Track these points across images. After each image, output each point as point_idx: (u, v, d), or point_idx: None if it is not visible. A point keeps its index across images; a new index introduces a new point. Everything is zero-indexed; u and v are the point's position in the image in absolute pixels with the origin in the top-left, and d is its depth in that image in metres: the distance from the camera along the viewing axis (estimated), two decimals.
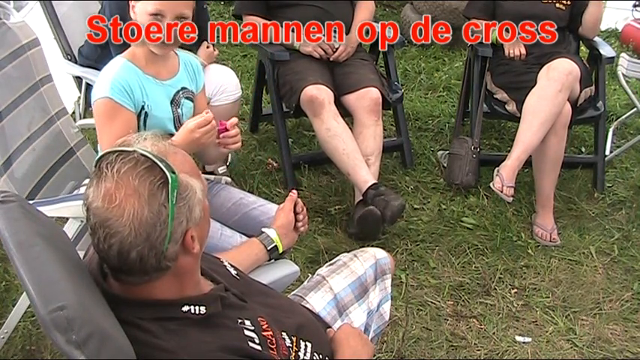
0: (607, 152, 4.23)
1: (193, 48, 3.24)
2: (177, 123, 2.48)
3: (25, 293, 2.20)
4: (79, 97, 3.60)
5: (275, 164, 4.03)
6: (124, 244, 1.32)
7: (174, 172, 1.35)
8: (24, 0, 4.89)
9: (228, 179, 2.80)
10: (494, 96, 3.95)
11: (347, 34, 3.77)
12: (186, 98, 2.53)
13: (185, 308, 1.43)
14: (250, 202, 2.59)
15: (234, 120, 2.40)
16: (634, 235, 3.67)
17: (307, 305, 1.98)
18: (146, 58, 2.42)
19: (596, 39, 4.04)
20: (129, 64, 2.40)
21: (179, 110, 2.49)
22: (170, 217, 1.34)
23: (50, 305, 1.24)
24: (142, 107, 2.39)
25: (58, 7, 3.55)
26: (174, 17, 2.33)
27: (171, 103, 2.48)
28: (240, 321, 1.50)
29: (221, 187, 2.68)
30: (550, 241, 3.55)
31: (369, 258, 2.15)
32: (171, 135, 2.36)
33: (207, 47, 3.56)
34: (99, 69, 3.31)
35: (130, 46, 2.46)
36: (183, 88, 2.52)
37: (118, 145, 1.39)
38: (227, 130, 2.36)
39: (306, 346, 1.62)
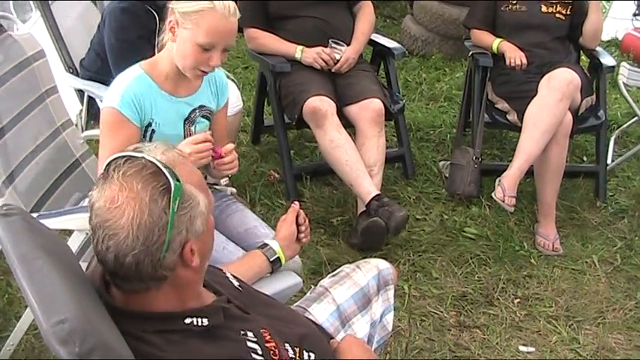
0: (609, 161, 4.24)
1: None
2: None
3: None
4: (81, 110, 3.61)
5: (277, 176, 4.03)
6: (120, 246, 1.33)
7: (178, 181, 1.35)
8: (28, 13, 4.90)
9: (234, 190, 2.80)
10: (496, 106, 3.96)
11: (348, 45, 3.78)
12: (203, 116, 2.49)
13: (187, 320, 1.43)
14: (262, 233, 2.50)
15: (230, 146, 2.37)
16: (636, 243, 3.66)
17: (310, 316, 1.98)
18: (167, 75, 2.38)
19: (597, 48, 4.04)
20: (144, 76, 2.36)
21: (192, 128, 2.46)
22: (170, 224, 1.34)
23: (53, 318, 1.25)
24: (150, 123, 2.36)
25: (62, 22, 3.57)
26: (222, 49, 2.30)
27: (185, 120, 2.45)
28: (242, 332, 1.50)
29: (238, 208, 2.63)
30: (552, 250, 3.54)
31: (372, 269, 2.15)
32: None
33: None
34: (100, 81, 3.34)
35: (129, 59, 2.46)
36: (201, 106, 2.48)
37: (128, 150, 1.40)
38: (222, 157, 2.34)
39: (309, 356, 1.62)
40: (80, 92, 3.56)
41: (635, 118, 4.38)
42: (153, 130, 2.38)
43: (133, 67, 2.40)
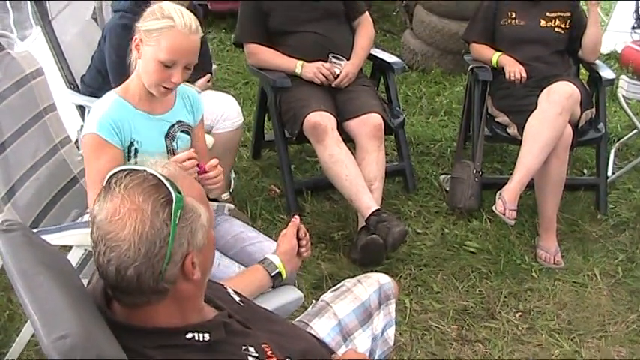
0: (609, 174, 4.24)
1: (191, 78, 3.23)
2: (172, 156, 2.46)
3: (29, 322, 2.21)
4: (82, 126, 3.62)
5: (277, 190, 4.03)
6: (122, 258, 1.33)
7: (179, 193, 1.36)
8: (28, 29, 4.93)
9: (231, 206, 2.80)
10: (496, 119, 3.96)
11: (348, 60, 3.79)
12: (183, 132, 2.52)
13: (189, 335, 1.43)
14: (249, 237, 2.57)
15: (214, 162, 2.39)
16: (638, 256, 3.66)
17: (311, 331, 1.97)
18: (140, 95, 2.42)
19: (596, 61, 4.05)
20: (120, 100, 2.40)
21: (174, 144, 2.49)
22: (171, 235, 1.34)
23: (54, 333, 1.25)
24: (132, 143, 2.39)
25: (62, 37, 3.58)
26: (184, 66, 2.33)
27: (166, 137, 2.48)
28: (244, 347, 1.50)
29: (223, 218, 2.67)
30: (554, 263, 3.54)
31: (373, 283, 2.15)
32: None
33: (209, 81, 3.59)
34: (101, 97, 3.35)
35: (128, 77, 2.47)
36: (179, 122, 2.51)
37: (129, 164, 1.41)
38: (206, 172, 2.36)
39: None
40: (81, 108, 3.57)
41: (635, 130, 4.38)
42: (136, 149, 2.40)
43: (108, 93, 2.45)
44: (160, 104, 2.47)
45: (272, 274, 2.16)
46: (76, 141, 3.51)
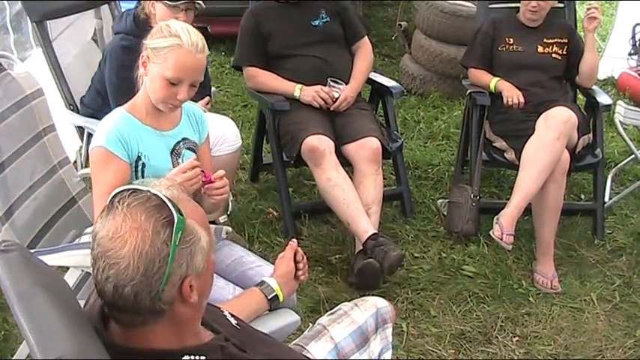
0: (606, 199, 4.24)
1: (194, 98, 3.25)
2: None
3: (24, 342, 2.20)
4: (81, 147, 3.63)
5: (275, 213, 4.03)
6: (120, 276, 1.33)
7: (181, 214, 1.36)
8: (28, 50, 4.95)
9: (229, 229, 2.81)
10: (493, 144, 3.97)
11: (346, 84, 3.81)
12: (188, 149, 2.54)
13: (185, 358, 1.43)
14: (249, 261, 2.59)
15: (221, 172, 2.41)
16: (635, 281, 3.66)
17: (308, 355, 1.97)
18: (147, 110, 2.43)
19: (593, 87, 4.08)
20: (127, 115, 2.42)
21: (180, 160, 2.50)
22: (170, 256, 1.34)
23: (49, 355, 1.25)
24: (139, 157, 2.40)
25: (64, 59, 3.60)
26: (189, 84, 2.35)
27: (172, 153, 2.49)
28: None
29: (225, 243, 2.68)
30: (551, 288, 3.54)
31: (370, 307, 2.15)
32: None
33: (208, 103, 3.60)
34: (100, 118, 3.36)
35: (130, 98, 2.49)
36: (184, 139, 2.53)
37: (133, 184, 1.42)
38: (212, 182, 2.37)
39: None
40: (80, 129, 3.58)
41: (632, 156, 4.39)
42: (143, 163, 2.42)
43: (116, 109, 2.48)
44: (167, 120, 2.49)
45: (269, 297, 2.16)
46: (75, 162, 3.52)
